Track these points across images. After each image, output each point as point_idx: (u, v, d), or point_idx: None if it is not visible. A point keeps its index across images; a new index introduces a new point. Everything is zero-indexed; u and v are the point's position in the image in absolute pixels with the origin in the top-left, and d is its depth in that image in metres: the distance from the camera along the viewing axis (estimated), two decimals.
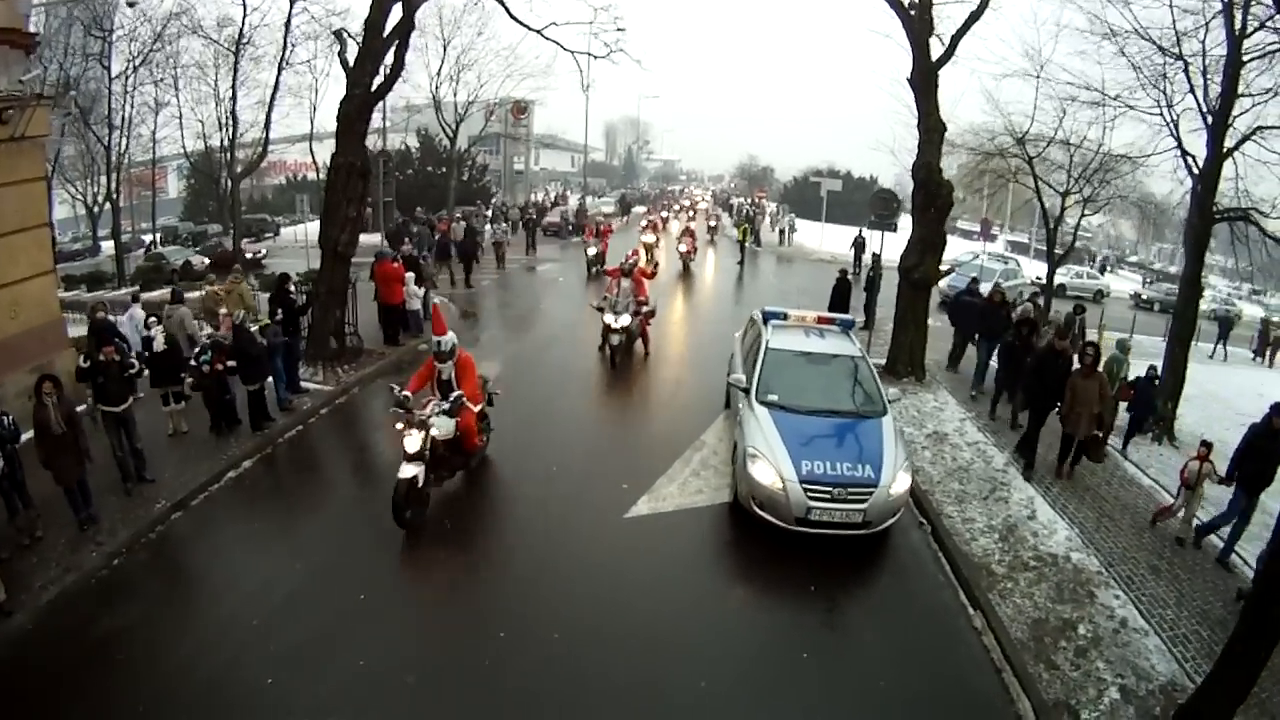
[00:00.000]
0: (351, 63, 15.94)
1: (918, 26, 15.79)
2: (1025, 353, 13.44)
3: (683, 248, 29.84)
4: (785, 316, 12.19)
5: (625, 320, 15.71)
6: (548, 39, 17.99)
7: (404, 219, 31.40)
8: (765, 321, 12.00)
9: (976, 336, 16.34)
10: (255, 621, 7.67)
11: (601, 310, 16.04)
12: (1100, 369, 12.20)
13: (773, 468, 9.16)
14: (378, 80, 15.93)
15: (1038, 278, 36.04)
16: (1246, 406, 16.66)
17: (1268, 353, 29.51)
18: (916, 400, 14.79)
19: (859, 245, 32.97)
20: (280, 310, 13.45)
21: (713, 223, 42.75)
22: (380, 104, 17.72)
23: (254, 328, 12.28)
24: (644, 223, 34.13)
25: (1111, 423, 12.77)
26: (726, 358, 13.74)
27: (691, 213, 58.12)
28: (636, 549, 9.27)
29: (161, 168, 45.33)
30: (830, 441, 9.59)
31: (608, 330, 15.87)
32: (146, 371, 11.28)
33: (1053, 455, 11.98)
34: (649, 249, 27.35)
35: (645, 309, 16.49)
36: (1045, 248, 24.41)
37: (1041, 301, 19.44)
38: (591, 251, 27.36)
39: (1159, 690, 7.20)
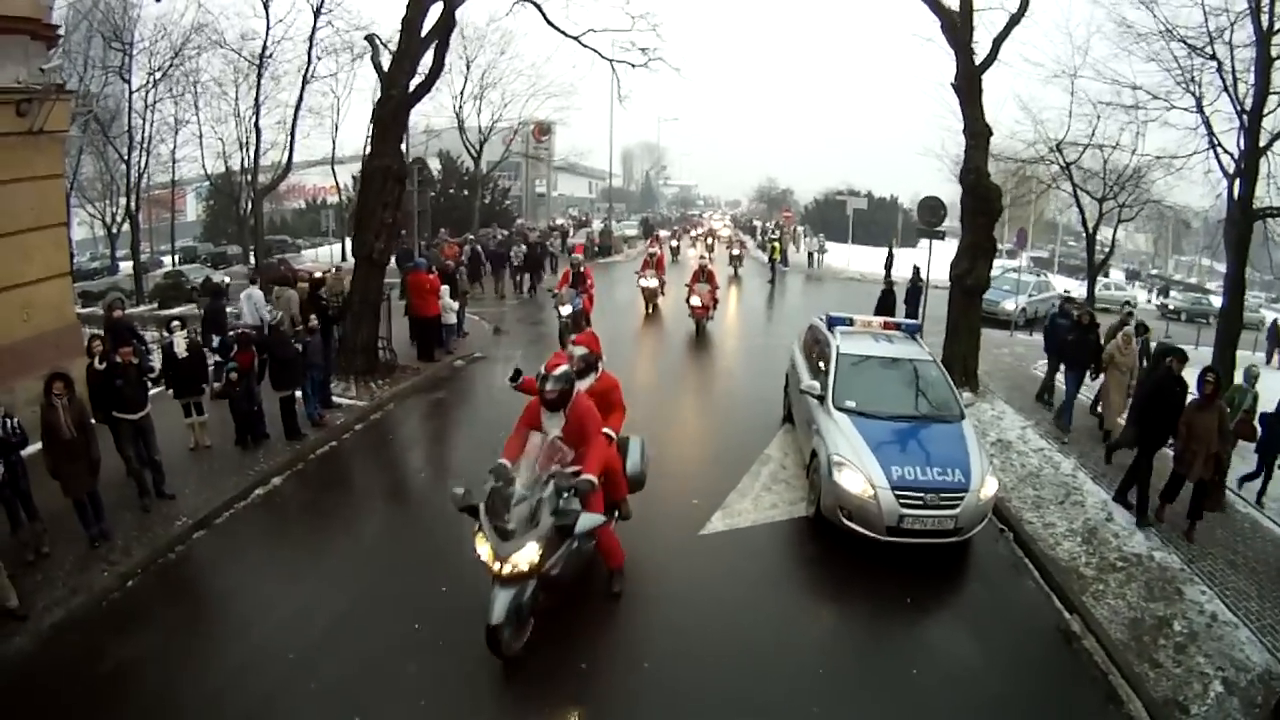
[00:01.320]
0: (386, 66, 15.58)
1: (960, 30, 15.53)
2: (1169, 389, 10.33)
3: (696, 301, 20.22)
4: (851, 322, 11.83)
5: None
6: (585, 46, 17.71)
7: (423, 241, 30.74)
8: (831, 327, 11.59)
9: (1061, 366, 14.61)
10: (292, 655, 6.89)
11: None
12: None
13: (862, 475, 8.69)
14: (414, 82, 15.53)
15: (1066, 290, 36.00)
16: None
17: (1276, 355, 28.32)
18: (975, 410, 14.24)
19: (889, 263, 32.56)
20: (314, 317, 12.75)
21: (736, 250, 36.52)
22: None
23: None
24: (644, 258, 25.16)
25: (1228, 464, 10.93)
26: (776, 373, 13.41)
27: (709, 242, 46.84)
28: (718, 567, 8.70)
29: (180, 190, 45.15)
30: (916, 447, 9.21)
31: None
32: (161, 380, 10.72)
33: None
34: (649, 298, 23.07)
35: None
36: (1067, 262, 24.11)
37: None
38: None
39: (1257, 680, 7.17)
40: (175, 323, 11.67)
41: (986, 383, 16.31)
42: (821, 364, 11.01)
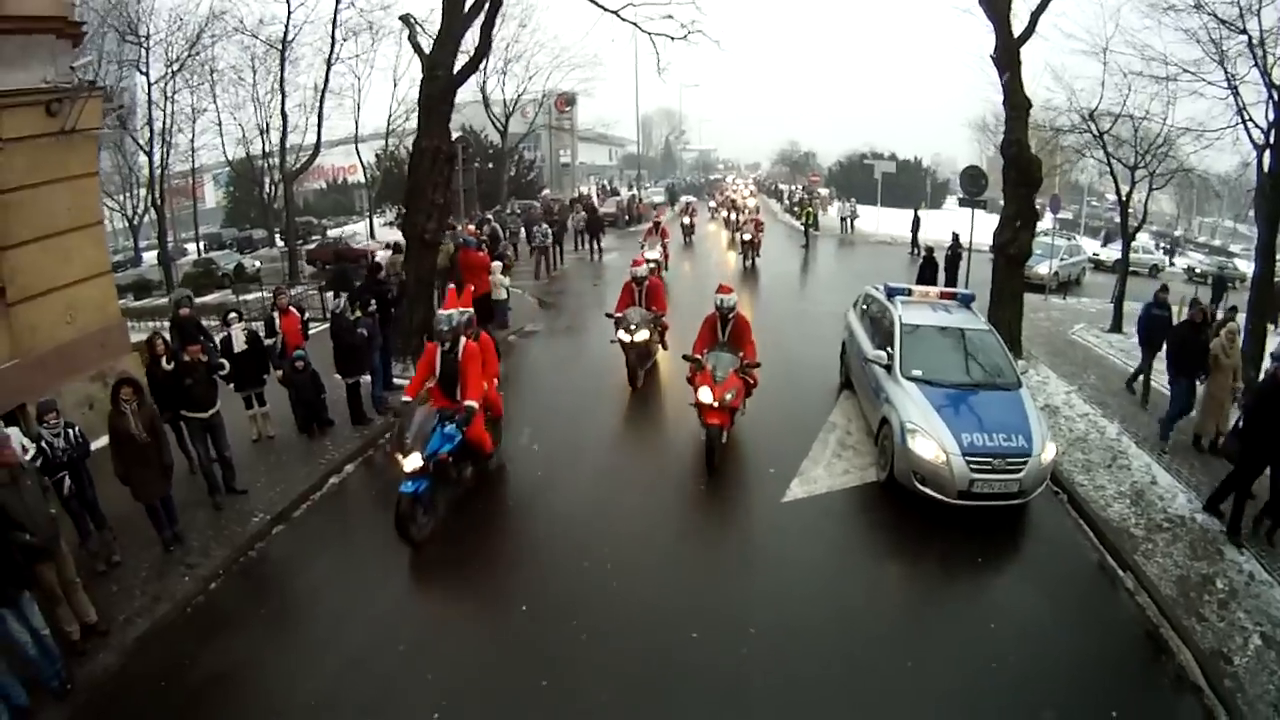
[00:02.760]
0: (425, 47, 15.50)
1: (999, 4, 15.51)
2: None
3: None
4: (909, 292, 12.06)
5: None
6: (624, 20, 17.51)
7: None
8: (890, 297, 11.81)
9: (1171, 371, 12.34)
10: (401, 647, 6.91)
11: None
12: None
13: (935, 442, 9.02)
14: (459, 61, 15.45)
15: (1095, 253, 35.95)
16: None
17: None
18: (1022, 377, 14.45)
19: (915, 225, 32.92)
20: (374, 301, 12.64)
21: (748, 235, 27.48)
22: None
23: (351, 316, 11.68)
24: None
25: None
26: (827, 339, 13.64)
27: (730, 214, 37.67)
28: (803, 533, 9.01)
29: (200, 178, 45.33)
30: (980, 414, 9.47)
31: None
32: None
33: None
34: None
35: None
36: (1092, 224, 23.94)
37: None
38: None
39: None
40: (232, 315, 11.27)
41: (1028, 348, 16.49)
42: (882, 333, 11.25)
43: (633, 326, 13.07)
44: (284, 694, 6.40)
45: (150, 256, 39.03)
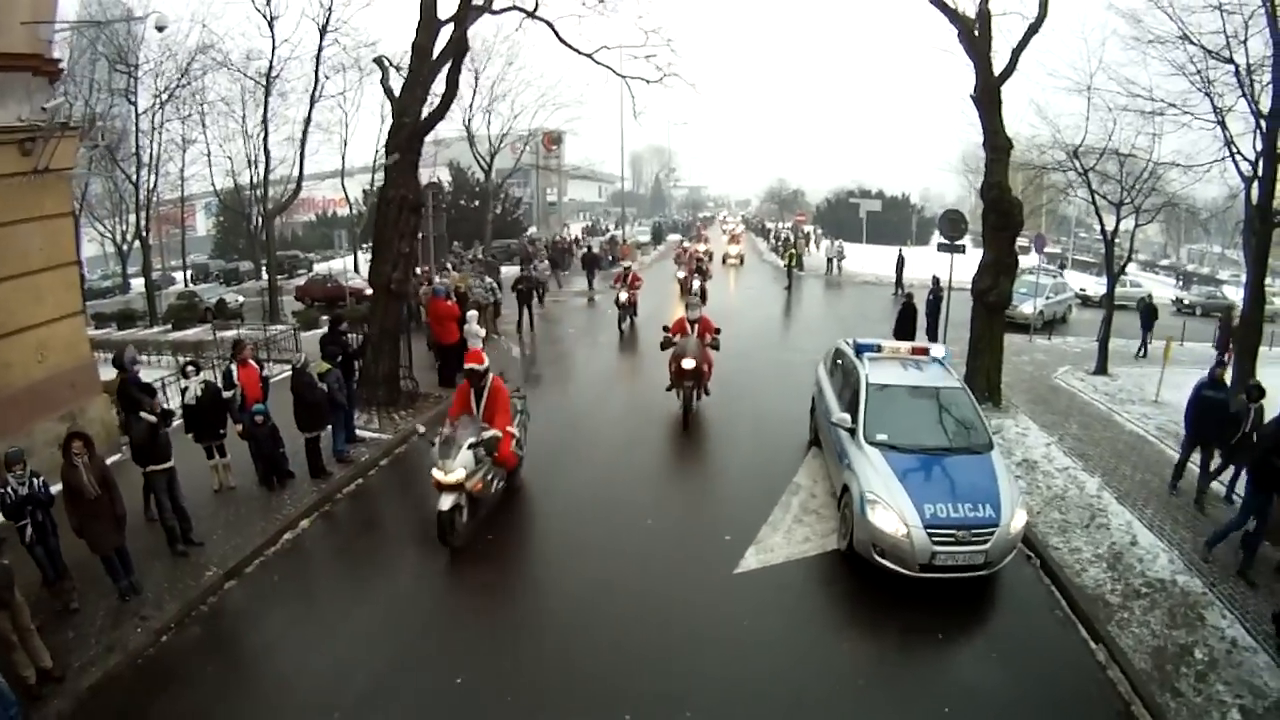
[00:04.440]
0: (396, 91, 15.52)
1: (978, 41, 15.44)
2: None
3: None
4: (879, 349, 11.73)
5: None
6: (599, 63, 17.57)
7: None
8: (859, 354, 11.50)
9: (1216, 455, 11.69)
10: (336, 714, 6.87)
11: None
12: None
13: (895, 514, 8.70)
14: (428, 109, 15.41)
15: (1082, 289, 35.82)
16: None
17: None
18: (1000, 426, 14.26)
19: (899, 264, 32.76)
20: (339, 354, 12.71)
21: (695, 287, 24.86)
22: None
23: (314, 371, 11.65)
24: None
25: None
26: (801, 393, 13.32)
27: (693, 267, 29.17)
28: (756, 608, 8.68)
29: (190, 206, 45.36)
30: (947, 481, 9.20)
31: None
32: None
33: None
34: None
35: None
36: (1079, 257, 23.76)
37: None
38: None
39: (1273, 706, 7.18)
40: (190, 367, 11.17)
41: (1009, 395, 16.30)
42: (849, 392, 10.95)
43: None
44: None
45: (138, 284, 38.97)
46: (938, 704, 7.21)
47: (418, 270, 17.46)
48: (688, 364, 13.84)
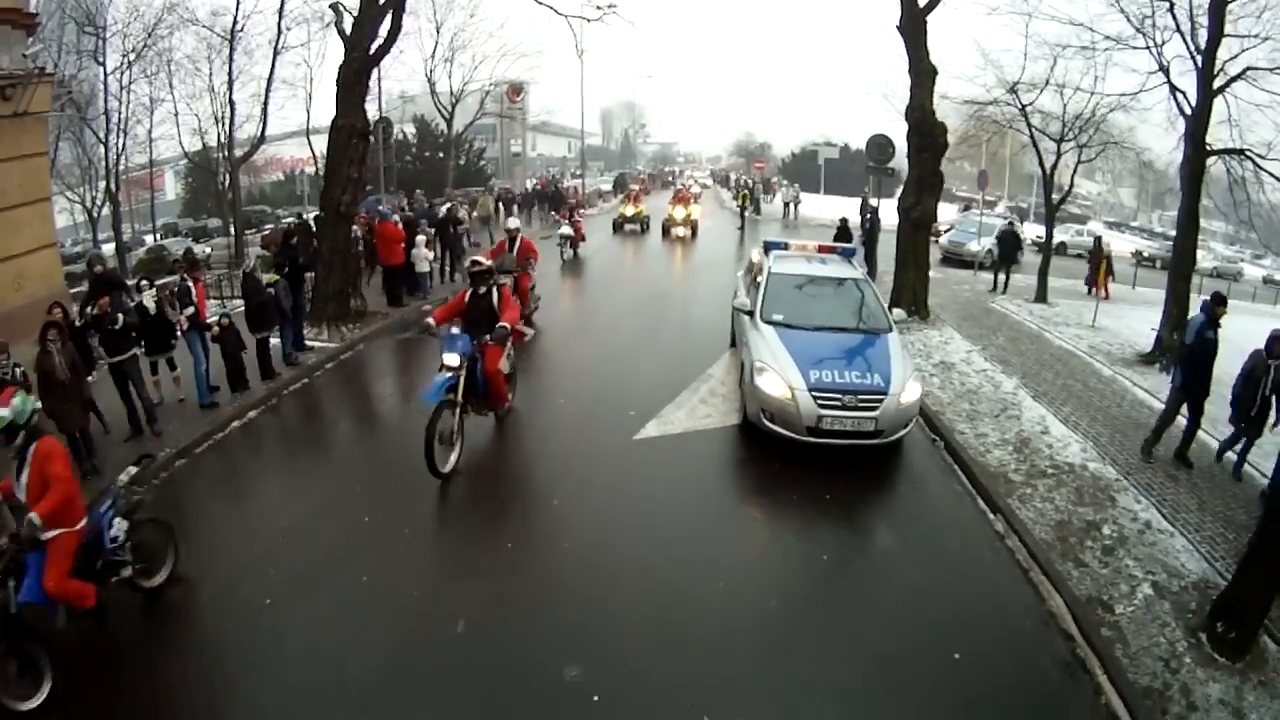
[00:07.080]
0: (349, 31, 16.13)
1: None
2: None
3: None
4: (786, 246, 12.37)
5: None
6: (541, 2, 18.04)
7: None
8: (767, 251, 12.10)
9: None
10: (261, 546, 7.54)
11: None
12: None
13: (781, 378, 9.13)
14: (375, 44, 16.10)
15: (1038, 237, 36.30)
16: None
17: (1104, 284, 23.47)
18: (922, 335, 14.91)
19: (863, 209, 32.59)
20: (286, 265, 13.42)
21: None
22: (376, 72, 17.63)
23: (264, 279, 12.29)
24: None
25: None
26: (729, 304, 13.65)
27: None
28: (647, 468, 9.22)
29: (159, 170, 45.27)
30: (838, 354, 9.59)
31: None
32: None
33: None
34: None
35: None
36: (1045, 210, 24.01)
37: None
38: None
39: (1191, 587, 7.09)
40: (144, 282, 11.45)
41: (938, 312, 16.86)
42: (756, 285, 11.41)
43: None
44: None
45: (109, 249, 38.94)
46: (816, 556, 7.50)
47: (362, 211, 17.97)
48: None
